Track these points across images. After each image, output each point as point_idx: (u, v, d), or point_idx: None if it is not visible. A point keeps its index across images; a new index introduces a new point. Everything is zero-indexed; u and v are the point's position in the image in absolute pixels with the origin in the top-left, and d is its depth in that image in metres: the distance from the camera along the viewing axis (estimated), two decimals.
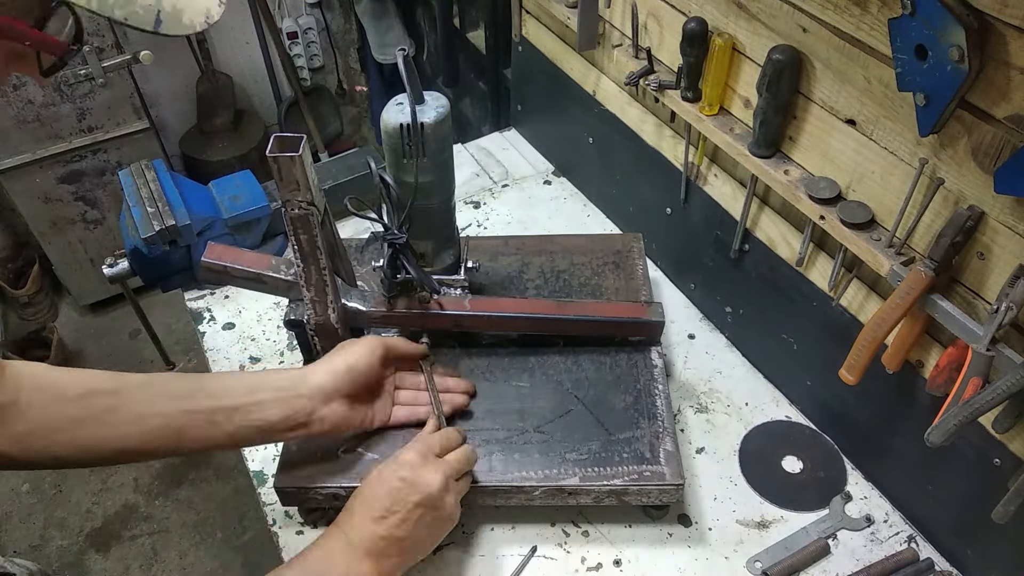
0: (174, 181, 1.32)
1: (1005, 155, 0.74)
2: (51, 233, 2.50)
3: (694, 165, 1.20)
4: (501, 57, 1.92)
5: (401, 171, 0.99)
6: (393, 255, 1.00)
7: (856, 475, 1.10)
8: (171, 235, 1.24)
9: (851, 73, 0.87)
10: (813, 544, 1.01)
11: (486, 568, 1.01)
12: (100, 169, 2.42)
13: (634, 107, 1.30)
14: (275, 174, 0.88)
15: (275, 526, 1.06)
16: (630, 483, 0.97)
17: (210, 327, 1.33)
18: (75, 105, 2.26)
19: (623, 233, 1.44)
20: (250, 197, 1.34)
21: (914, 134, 0.81)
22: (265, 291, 1.08)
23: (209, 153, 2.67)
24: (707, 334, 1.30)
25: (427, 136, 0.95)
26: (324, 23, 2.84)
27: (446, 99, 0.98)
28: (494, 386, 1.09)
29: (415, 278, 1.02)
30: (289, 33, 2.75)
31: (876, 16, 0.81)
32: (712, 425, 1.17)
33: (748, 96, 1.04)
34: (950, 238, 0.80)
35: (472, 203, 1.56)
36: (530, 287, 1.22)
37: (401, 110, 0.95)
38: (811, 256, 1.05)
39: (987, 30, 0.70)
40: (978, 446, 0.89)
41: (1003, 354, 0.78)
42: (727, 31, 1.02)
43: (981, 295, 0.83)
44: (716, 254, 1.23)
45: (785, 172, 0.99)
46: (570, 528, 1.04)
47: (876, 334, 0.89)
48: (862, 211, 0.92)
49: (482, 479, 0.98)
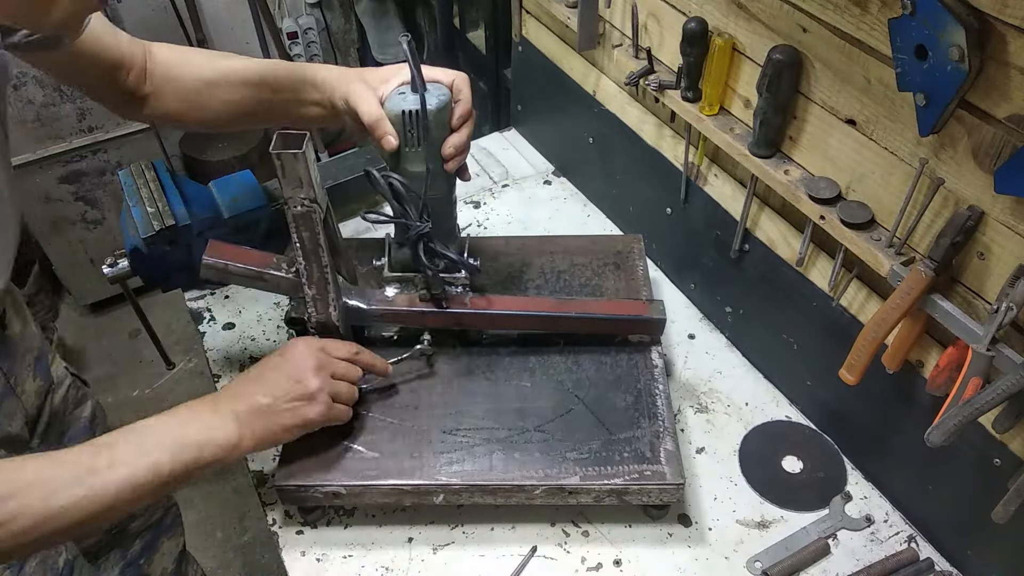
0: (174, 181, 1.32)
1: (1005, 155, 0.74)
2: (51, 233, 2.49)
3: (694, 165, 1.20)
4: (501, 57, 1.92)
5: (404, 161, 0.99)
6: (425, 247, 1.01)
7: (856, 475, 1.10)
8: (171, 235, 1.24)
9: (851, 73, 0.87)
10: (813, 544, 1.01)
11: (486, 568, 1.01)
12: (100, 169, 2.42)
13: (634, 107, 1.30)
14: (278, 171, 0.88)
15: (275, 526, 1.06)
16: (630, 483, 0.97)
17: (210, 327, 1.33)
18: (75, 105, 2.26)
19: (623, 234, 1.44)
20: (250, 197, 1.34)
21: (914, 134, 0.81)
22: (266, 289, 1.08)
23: (209, 153, 2.67)
24: (707, 334, 1.30)
25: (429, 123, 0.95)
26: (324, 23, 2.84)
27: (447, 89, 0.98)
28: (495, 385, 1.09)
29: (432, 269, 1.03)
30: (289, 33, 2.75)
31: (876, 16, 0.81)
32: (712, 425, 1.17)
33: (748, 96, 1.04)
34: (950, 238, 0.80)
35: (472, 203, 1.56)
36: (530, 287, 1.22)
37: (403, 98, 0.95)
38: (811, 256, 1.05)
39: (987, 30, 0.70)
40: (978, 446, 0.89)
41: (1003, 354, 0.79)
42: (727, 31, 1.02)
43: (981, 295, 0.83)
44: (716, 254, 1.23)
45: (785, 172, 1.00)
46: (570, 528, 1.05)
47: (876, 334, 0.89)
48: (862, 211, 0.92)
49: (482, 478, 0.98)
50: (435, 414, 1.05)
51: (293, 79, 1.04)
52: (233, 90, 1.05)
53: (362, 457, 1.00)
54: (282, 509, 1.06)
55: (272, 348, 1.29)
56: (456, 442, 1.02)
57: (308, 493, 0.99)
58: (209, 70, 1.06)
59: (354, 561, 1.02)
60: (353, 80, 1.00)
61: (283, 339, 1.30)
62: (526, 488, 0.98)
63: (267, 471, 1.11)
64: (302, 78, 1.04)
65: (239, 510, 2.27)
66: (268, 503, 1.08)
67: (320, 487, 0.98)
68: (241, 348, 1.29)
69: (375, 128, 0.96)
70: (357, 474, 0.98)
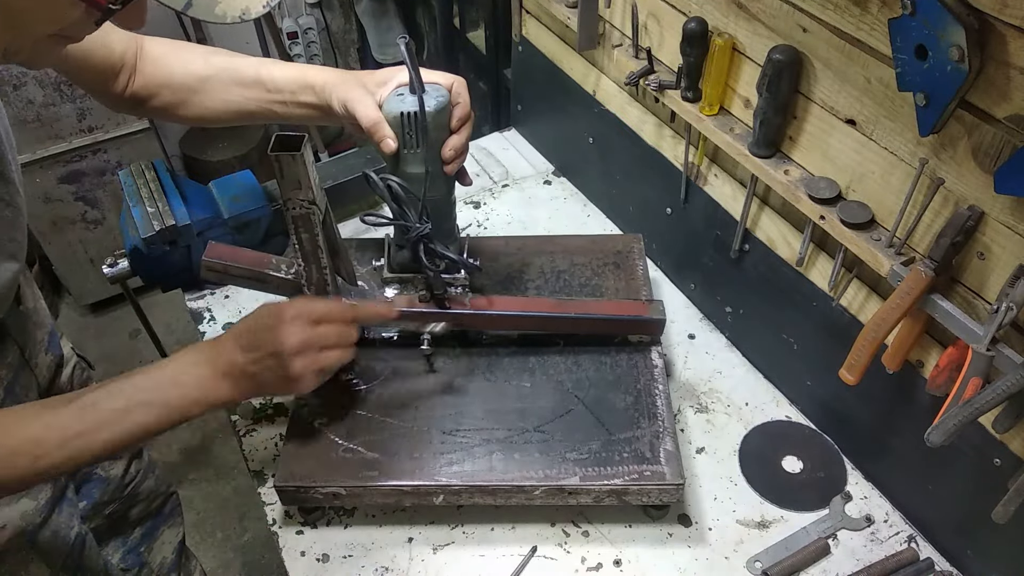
0: (174, 181, 1.32)
1: (1005, 155, 0.74)
2: (51, 233, 2.49)
3: (694, 165, 1.20)
4: (501, 57, 1.92)
5: (403, 162, 0.99)
6: (426, 248, 1.01)
7: (856, 475, 1.10)
8: (171, 235, 1.24)
9: (851, 73, 0.87)
10: (813, 544, 1.01)
11: (486, 568, 1.01)
12: (100, 169, 2.42)
13: (634, 107, 1.30)
14: (277, 173, 0.88)
15: (275, 526, 1.06)
16: (630, 483, 0.97)
17: (210, 327, 1.33)
18: (75, 105, 2.26)
19: (623, 234, 1.44)
20: (250, 197, 1.34)
21: (914, 134, 0.81)
22: (266, 290, 1.09)
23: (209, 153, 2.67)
24: (707, 334, 1.30)
25: (427, 124, 0.95)
26: (324, 23, 2.84)
27: (446, 91, 0.98)
28: (495, 386, 1.09)
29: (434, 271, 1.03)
30: (289, 33, 2.74)
31: (876, 16, 0.81)
32: (712, 425, 1.17)
33: (748, 96, 1.04)
34: (950, 238, 0.80)
35: (472, 203, 1.56)
36: (530, 287, 1.22)
37: (402, 100, 0.95)
38: (811, 256, 1.05)
39: (987, 30, 0.70)
40: (978, 446, 0.89)
41: (1003, 354, 0.78)
42: (727, 31, 1.02)
43: (981, 295, 0.83)
44: (716, 254, 1.23)
45: (785, 172, 0.99)
46: (570, 528, 1.05)
47: (876, 334, 0.89)
48: (862, 211, 0.92)
49: (482, 478, 0.98)
50: (435, 414, 1.05)
51: (290, 81, 1.04)
52: (227, 88, 1.05)
53: (362, 458, 1.00)
54: (282, 509, 1.06)
55: None
56: (456, 442, 1.02)
57: (308, 494, 0.99)
58: (202, 66, 1.06)
59: (354, 561, 1.02)
60: (351, 84, 1.00)
61: None
62: (526, 489, 0.98)
63: (267, 471, 1.12)
64: (299, 80, 1.04)
65: (239, 510, 2.27)
66: (268, 503, 1.08)
67: (320, 488, 0.98)
68: None
69: (373, 132, 0.96)
70: (357, 475, 0.98)
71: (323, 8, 2.81)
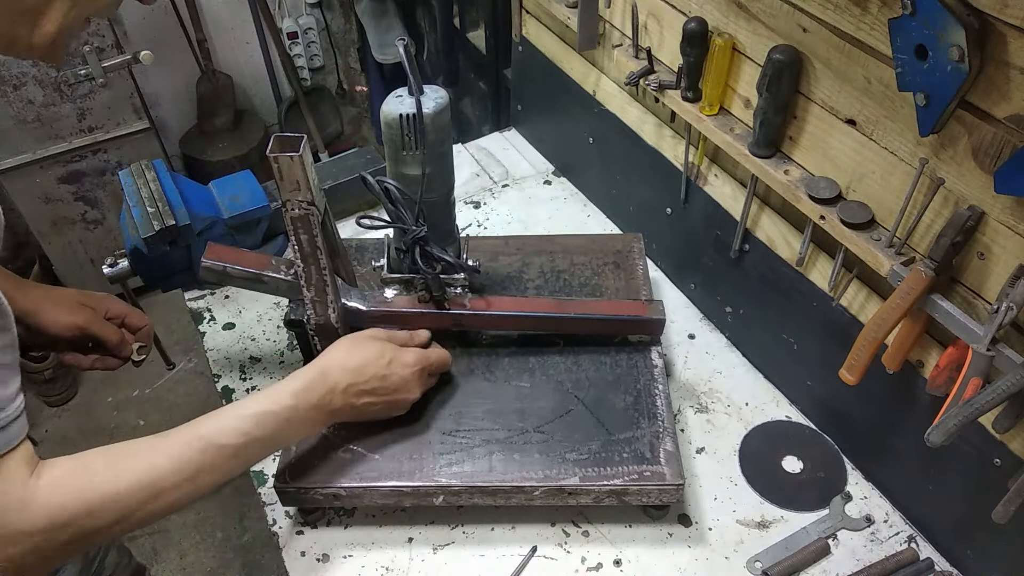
0: (174, 181, 1.32)
1: (1005, 155, 0.74)
2: (51, 233, 2.49)
3: (694, 165, 1.20)
4: (501, 57, 1.91)
5: (401, 164, 0.99)
6: (422, 251, 1.02)
7: (856, 475, 1.10)
8: (171, 235, 1.24)
9: (851, 73, 0.87)
10: (813, 544, 1.01)
11: (486, 568, 1.01)
12: (100, 169, 2.42)
13: (634, 107, 1.30)
14: (275, 174, 0.88)
15: (275, 526, 1.06)
16: (630, 483, 0.97)
17: (210, 327, 1.33)
18: (75, 105, 2.26)
19: (623, 233, 1.44)
20: (250, 197, 1.34)
21: (914, 134, 0.81)
22: (265, 291, 1.08)
23: (209, 153, 2.67)
24: (707, 334, 1.30)
25: (427, 126, 0.95)
26: (324, 23, 2.84)
27: (445, 92, 0.98)
28: (494, 386, 1.09)
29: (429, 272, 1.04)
30: (289, 33, 2.74)
31: (876, 16, 0.81)
32: (712, 425, 1.16)
33: (748, 96, 1.04)
34: (950, 238, 0.80)
35: (472, 203, 1.56)
36: (530, 287, 1.22)
37: (401, 102, 0.95)
38: (811, 256, 1.05)
39: (987, 30, 0.70)
40: (978, 446, 0.89)
41: (1003, 354, 0.78)
42: (727, 31, 1.02)
43: (981, 295, 0.83)
44: (716, 254, 1.23)
45: (785, 172, 0.99)
46: (570, 528, 1.04)
47: (876, 334, 0.89)
48: (862, 211, 0.92)
49: (482, 479, 0.98)
50: (434, 415, 1.05)
51: None
52: None
53: (362, 459, 1.00)
54: (282, 509, 1.06)
55: (272, 348, 1.29)
56: (455, 443, 1.02)
57: (308, 495, 0.99)
58: None
59: (354, 561, 1.02)
60: None
61: (283, 339, 1.30)
62: (526, 489, 0.98)
63: (267, 471, 1.11)
64: None
65: (239, 510, 2.27)
66: (268, 503, 1.08)
67: (320, 489, 0.98)
68: (241, 348, 1.29)
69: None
70: (356, 476, 0.98)
71: (323, 8, 2.81)
